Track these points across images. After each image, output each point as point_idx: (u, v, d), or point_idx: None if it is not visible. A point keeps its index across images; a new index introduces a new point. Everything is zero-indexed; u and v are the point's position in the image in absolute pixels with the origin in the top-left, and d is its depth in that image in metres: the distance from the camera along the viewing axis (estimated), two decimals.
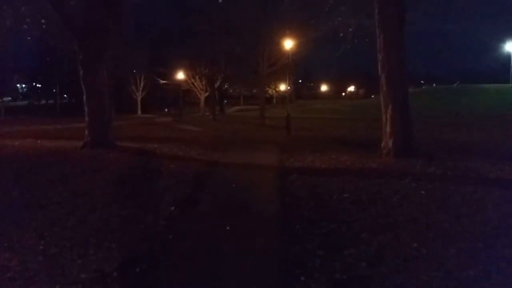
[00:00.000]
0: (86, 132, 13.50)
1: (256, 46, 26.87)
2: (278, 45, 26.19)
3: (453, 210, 6.27)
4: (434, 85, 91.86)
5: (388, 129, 11.42)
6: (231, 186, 8.36)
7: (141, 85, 59.91)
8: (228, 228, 5.64)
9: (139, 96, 61.00)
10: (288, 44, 21.58)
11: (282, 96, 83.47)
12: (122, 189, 7.91)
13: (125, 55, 48.23)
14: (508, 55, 67.28)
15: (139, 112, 60.68)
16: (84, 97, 13.58)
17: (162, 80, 50.41)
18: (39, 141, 17.33)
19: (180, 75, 46.26)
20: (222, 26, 28.70)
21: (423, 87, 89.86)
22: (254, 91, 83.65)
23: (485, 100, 45.41)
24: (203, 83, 49.14)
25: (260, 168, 10.65)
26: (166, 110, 65.61)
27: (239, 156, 12.89)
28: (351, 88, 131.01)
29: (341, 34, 21.38)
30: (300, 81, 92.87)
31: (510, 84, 58.61)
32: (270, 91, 76.12)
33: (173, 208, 6.56)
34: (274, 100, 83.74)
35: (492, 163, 10.30)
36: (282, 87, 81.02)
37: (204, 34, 30.98)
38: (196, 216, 6.28)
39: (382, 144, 11.66)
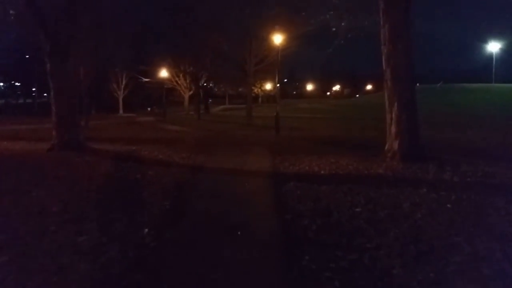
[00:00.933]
0: (54, 133, 11.98)
1: (243, 42, 25.53)
2: (266, 40, 24.93)
3: (495, 229, 5.09)
4: (418, 84, 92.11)
5: (393, 129, 10.25)
6: (218, 199, 7.03)
7: (123, 83, 57.95)
8: (215, 262, 4.33)
9: (121, 94, 58.99)
10: (278, 38, 20.31)
11: (268, 95, 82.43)
12: (85, 205, 6.50)
13: (105, 51, 46.49)
14: (490, 55, 68.11)
15: (121, 111, 58.71)
16: (52, 93, 12.06)
17: (145, 78, 48.66)
18: (4, 143, 15.70)
19: (164, 73, 44.61)
20: (207, 20, 27.23)
21: None
22: (240, 89, 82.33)
23: (469, 100, 45.94)
24: (188, 81, 47.60)
25: (251, 175, 9.35)
26: (149, 109, 63.75)
27: (227, 160, 11.56)
28: (336, 88, 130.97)
29: (334, 29, 20.24)
30: (285, 80, 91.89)
31: (493, 84, 59.88)
32: (256, 90, 74.82)
33: (146, 231, 5.20)
34: (260, 99, 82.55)
35: (507, 166, 9.27)
36: (268, 86, 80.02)
37: (189, 29, 29.48)
38: (175, 243, 4.94)
39: (387, 147, 10.49)
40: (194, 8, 28.02)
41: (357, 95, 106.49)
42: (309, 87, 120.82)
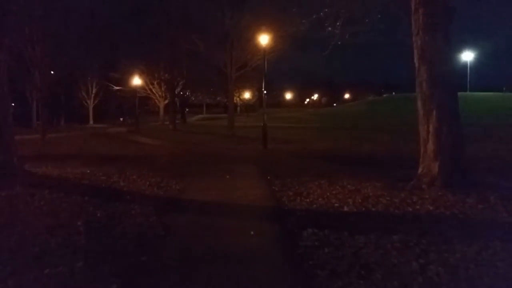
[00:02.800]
0: None
1: (223, 45, 22.91)
2: (250, 42, 22.40)
3: None
4: (393, 93, 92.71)
5: (431, 146, 7.76)
6: (204, 270, 4.30)
7: (93, 91, 54.39)
8: None
9: (91, 104, 55.40)
10: (264, 39, 17.80)
11: (247, 105, 79.94)
12: None
13: (73, 57, 42.99)
14: (464, 65, 69.05)
15: (91, 121, 55.05)
16: None
17: (116, 86, 45.33)
18: None
19: (136, 81, 41.43)
20: (183, 21, 24.48)
21: (384, 95, 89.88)
22: (218, 98, 79.42)
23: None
24: (163, 89, 44.56)
25: (247, 213, 6.66)
26: (121, 119, 60.10)
27: (210, 185, 8.83)
28: (314, 97, 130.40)
29: (329, 29, 17.92)
30: (263, 90, 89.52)
31: (468, 92, 60.04)
32: (234, 99, 72.23)
33: None
34: (238, 109, 79.86)
35: None
36: (247, 95, 77.65)
37: (162, 32, 26.65)
38: None
39: (421, 170, 8.00)
40: (167, 8, 25.31)
41: (335, 104, 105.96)
42: (288, 96, 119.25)
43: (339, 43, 17.10)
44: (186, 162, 13.36)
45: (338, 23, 17.63)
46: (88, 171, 10.31)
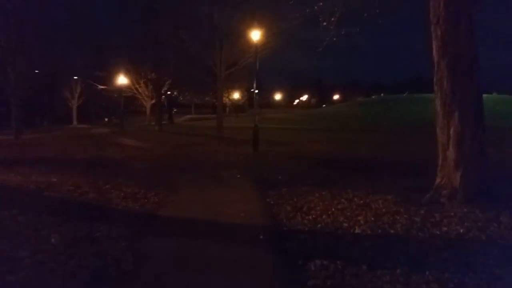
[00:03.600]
0: None
1: (213, 41, 21.64)
2: (239, 39, 21.21)
3: None
4: (382, 94, 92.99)
5: (452, 154, 6.68)
6: None
7: (77, 91, 52.58)
8: None
9: (74, 103, 53.54)
10: (255, 35, 16.65)
11: (236, 105, 78.71)
12: None
13: (56, 55, 41.34)
14: None
15: (75, 122, 53.24)
16: None
17: (101, 85, 43.71)
18: None
19: (122, 80, 39.90)
20: (170, 16, 23.15)
21: (373, 96, 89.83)
22: (206, 99, 77.97)
23: (432, 109, 44.61)
24: (149, 89, 43.04)
25: (238, 236, 5.47)
26: (106, 119, 58.32)
27: (195, 199, 7.63)
28: (303, 97, 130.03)
29: (324, 24, 16.84)
30: (252, 90, 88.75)
31: None
32: (223, 100, 70.91)
33: None
34: (227, 109, 78.53)
35: None
36: (236, 95, 76.46)
37: (149, 28, 25.28)
38: None
39: (440, 180, 6.90)
40: (154, 3, 23.95)
41: (324, 105, 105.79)
42: (278, 96, 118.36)
43: (334, 39, 16.09)
44: (170, 168, 12.13)
45: (333, 19, 16.55)
46: (56, 180, 9.01)
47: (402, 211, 6.19)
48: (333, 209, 6.51)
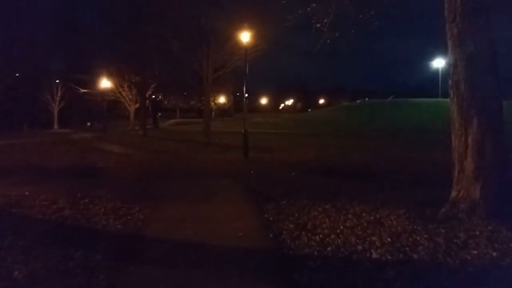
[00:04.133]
0: None
1: (199, 43, 20.81)
2: (227, 42, 20.46)
3: None
4: (366, 99, 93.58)
5: (470, 164, 6.04)
6: None
7: (59, 94, 51.07)
8: None
9: (55, 107, 51.97)
10: (245, 37, 15.94)
11: (222, 109, 77.85)
12: None
13: (37, 58, 39.91)
14: (436, 71, 70.70)
15: (56, 126, 51.63)
16: None
17: (83, 88, 42.47)
18: None
19: (105, 83, 38.77)
20: (155, 17, 22.23)
21: (358, 101, 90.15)
22: (192, 103, 76.84)
23: (418, 114, 46.59)
24: (133, 92, 41.97)
25: (236, 264, 4.68)
26: (88, 124, 56.76)
27: (184, 215, 6.81)
28: (289, 102, 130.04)
29: (318, 25, 16.26)
30: (238, 94, 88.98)
31: (439, 98, 61.16)
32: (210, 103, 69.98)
33: None
34: (213, 113, 77.62)
35: None
36: (222, 99, 75.66)
37: (133, 29, 24.28)
38: None
39: (456, 193, 6.26)
40: (138, 3, 22.98)
41: (309, 109, 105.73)
42: (264, 101, 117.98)
43: (328, 41, 15.52)
44: (156, 177, 11.29)
45: (326, 20, 15.99)
46: (28, 192, 8.11)
47: (420, 229, 5.52)
48: (341, 227, 5.80)
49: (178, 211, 7.11)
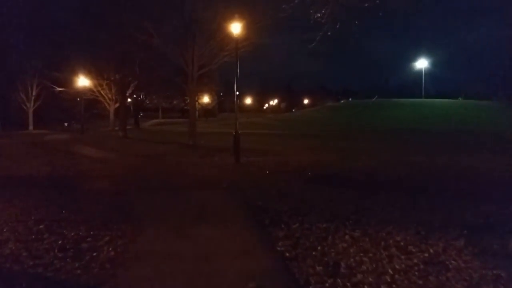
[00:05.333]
0: None
1: (183, 37, 18.88)
2: (215, 35, 18.67)
3: None
4: (350, 99, 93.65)
5: None
6: None
7: (33, 93, 48.32)
8: None
9: (30, 107, 49.14)
10: (236, 28, 14.24)
11: (205, 109, 75.95)
12: None
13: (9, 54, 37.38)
14: (419, 72, 71.31)
15: (31, 127, 48.85)
16: None
17: (60, 87, 40.06)
18: None
19: (82, 81, 36.46)
20: (134, 7, 20.18)
21: (341, 101, 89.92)
22: (175, 102, 74.52)
23: (402, 114, 46.79)
24: (113, 91, 39.75)
25: None
26: (66, 124, 54.02)
27: (170, 250, 5.07)
28: (273, 102, 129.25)
29: (318, 15, 14.70)
30: (221, 94, 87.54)
31: (423, 99, 62.20)
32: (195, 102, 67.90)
33: None
34: (197, 113, 75.61)
35: None
36: (206, 99, 73.82)
37: (112, 21, 22.21)
38: None
39: None
40: None
41: (293, 110, 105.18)
42: (248, 100, 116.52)
43: (329, 33, 13.96)
44: (134, 189, 9.50)
45: (324, 10, 14.39)
46: None
47: (503, 275, 3.95)
48: (390, 271, 4.19)
49: (161, 242, 5.39)
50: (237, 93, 14.44)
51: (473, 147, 19.48)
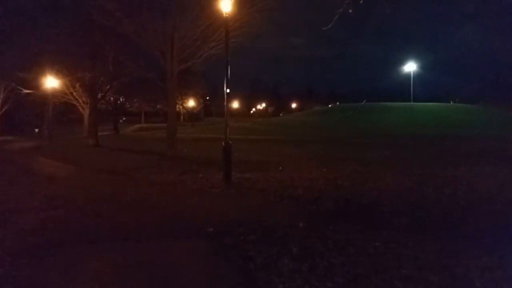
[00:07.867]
0: None
1: (162, 23, 15.31)
2: (199, 20, 15.22)
3: None
4: (337, 103, 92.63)
5: None
6: None
7: (1, 96, 44.13)
8: None
9: None
10: (226, 5, 10.87)
11: (190, 113, 72.36)
12: None
13: None
14: (407, 76, 70.48)
15: None
16: None
17: (26, 89, 36.05)
18: None
19: (51, 82, 32.60)
20: None
21: (329, 105, 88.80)
22: (158, 106, 70.42)
23: (392, 118, 46.48)
24: (86, 94, 35.88)
25: None
26: (36, 130, 49.67)
27: None
28: (261, 106, 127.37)
29: None
30: (208, 98, 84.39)
31: (412, 103, 62.33)
32: (177, 107, 64.22)
33: None
34: (182, 118, 71.78)
35: None
36: (191, 102, 70.43)
37: (75, 10, 18.56)
38: None
39: None
40: None
41: (281, 114, 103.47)
42: (236, 104, 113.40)
43: (350, 11, 10.87)
44: (84, 232, 6.00)
45: None
46: None
47: None
48: None
49: None
50: (228, 90, 11.00)
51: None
